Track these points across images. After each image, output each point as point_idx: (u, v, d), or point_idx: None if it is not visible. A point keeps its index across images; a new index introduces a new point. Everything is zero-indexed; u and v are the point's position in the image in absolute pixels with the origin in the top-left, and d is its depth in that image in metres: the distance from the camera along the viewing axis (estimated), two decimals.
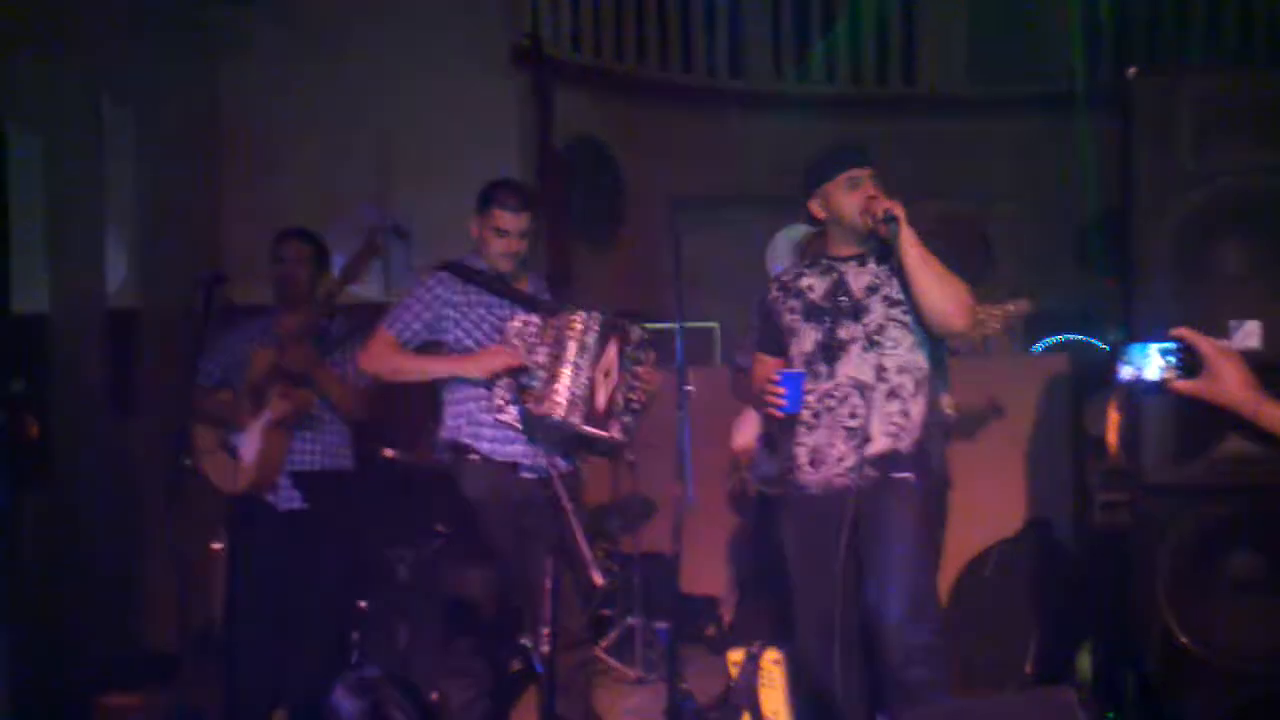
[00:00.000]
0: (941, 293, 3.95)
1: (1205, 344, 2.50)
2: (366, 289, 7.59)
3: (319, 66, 7.83)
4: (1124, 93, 4.36)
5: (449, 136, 7.79)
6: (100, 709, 5.67)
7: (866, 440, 4.01)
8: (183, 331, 5.10)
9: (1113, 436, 5.58)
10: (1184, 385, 2.50)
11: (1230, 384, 2.49)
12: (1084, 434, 5.95)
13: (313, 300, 5.11)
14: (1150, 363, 2.51)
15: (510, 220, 4.49)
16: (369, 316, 4.84)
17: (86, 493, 6.07)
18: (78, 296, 6.25)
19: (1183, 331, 2.51)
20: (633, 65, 9.77)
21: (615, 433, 4.32)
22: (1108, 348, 4.91)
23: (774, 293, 4.35)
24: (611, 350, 4.35)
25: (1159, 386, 2.50)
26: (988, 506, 6.08)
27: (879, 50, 10.63)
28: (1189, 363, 2.50)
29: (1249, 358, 4.05)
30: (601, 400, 4.30)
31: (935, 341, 4.10)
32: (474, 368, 4.40)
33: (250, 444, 5.00)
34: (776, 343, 4.31)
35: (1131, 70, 4.38)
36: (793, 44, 10.55)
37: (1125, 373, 2.55)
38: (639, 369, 4.40)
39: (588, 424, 4.25)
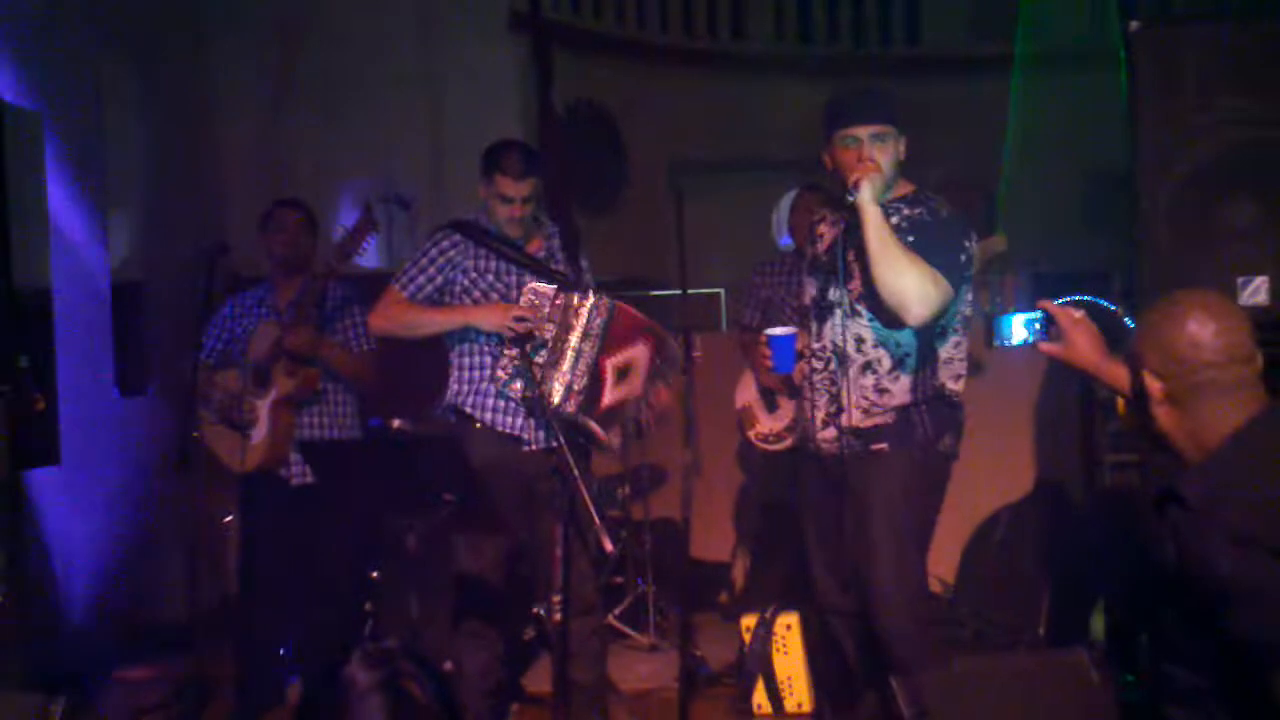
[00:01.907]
0: (896, 281, 3.69)
1: (1062, 314, 2.91)
2: (367, 259, 7.61)
3: (317, 35, 7.79)
4: (1127, 46, 4.32)
5: (448, 103, 7.76)
6: (115, 682, 5.70)
7: (841, 410, 3.89)
8: (188, 303, 5.08)
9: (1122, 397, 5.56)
10: (1045, 348, 2.92)
11: (1080, 348, 2.88)
12: (1092, 395, 5.93)
13: (309, 270, 5.11)
14: (1016, 330, 3.00)
15: (513, 187, 4.43)
16: (368, 286, 4.82)
17: (94, 467, 6.07)
18: (81, 271, 6.23)
19: (1044, 303, 2.95)
20: (633, 28, 9.71)
21: (613, 438, 4.31)
22: (1115, 307, 4.90)
23: (809, 240, 4.24)
24: (638, 350, 4.31)
25: (1025, 349, 2.88)
26: (997, 470, 6.08)
27: (881, 10, 10.56)
28: (1049, 329, 2.91)
29: (1257, 313, 4.08)
30: (607, 397, 4.27)
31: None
32: (487, 317, 4.36)
33: (259, 424, 4.99)
34: None
35: (1134, 23, 4.34)
36: (794, 5, 10.48)
37: (996, 338, 2.92)
38: (659, 385, 4.36)
39: (584, 414, 4.24)
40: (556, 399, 4.18)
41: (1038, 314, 2.92)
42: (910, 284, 3.67)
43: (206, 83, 7.59)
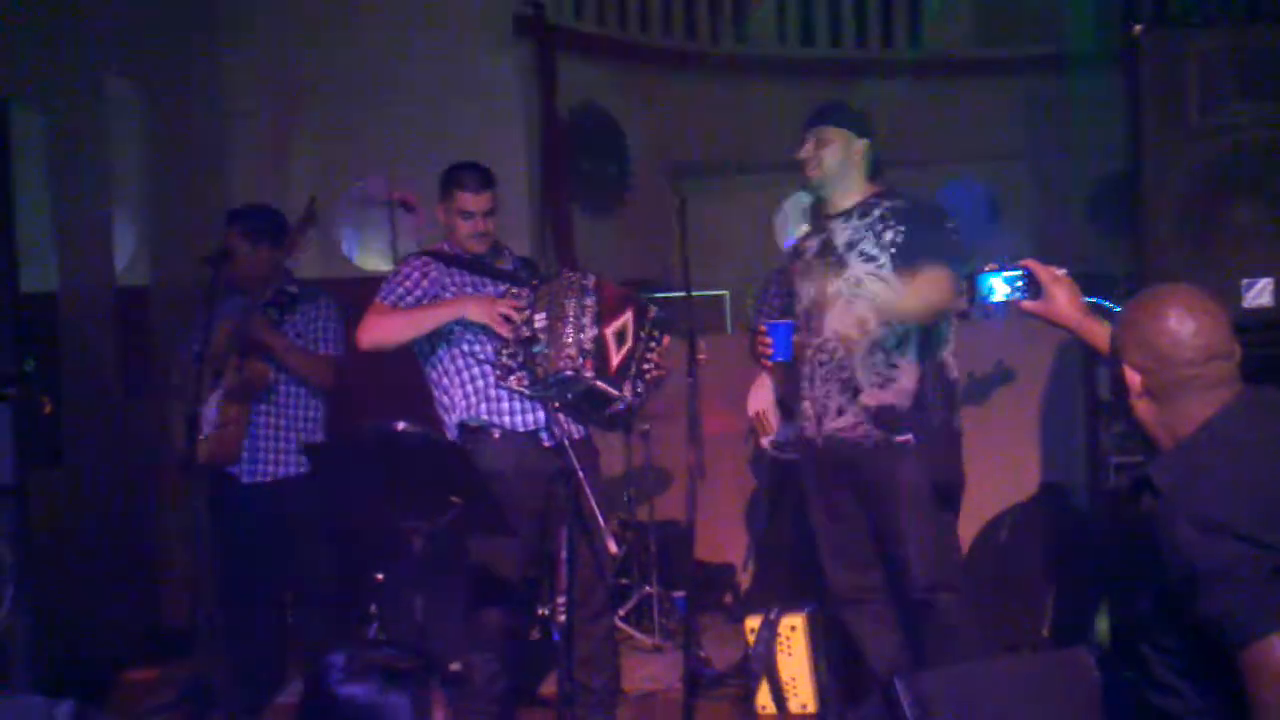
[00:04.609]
0: (923, 305, 4.05)
1: (1043, 271, 2.93)
2: (375, 262, 7.63)
3: (322, 40, 7.80)
4: (1131, 50, 4.34)
5: (453, 107, 7.77)
6: (119, 684, 5.71)
7: (857, 391, 4.11)
8: (192, 309, 5.09)
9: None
10: (1027, 305, 2.93)
11: (1061, 304, 2.91)
12: (1097, 397, 5.94)
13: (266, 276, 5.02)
14: (998, 288, 2.93)
15: (473, 201, 4.48)
16: (374, 289, 4.80)
17: (99, 471, 6.09)
18: (86, 275, 6.25)
19: (1027, 261, 2.95)
20: (636, 31, 9.71)
21: (627, 392, 4.30)
22: (1120, 310, 4.91)
23: (790, 259, 4.52)
24: (628, 316, 4.33)
25: (1005, 307, 2.95)
26: (1002, 471, 6.08)
27: (883, 12, 10.56)
28: (1031, 287, 2.92)
29: (1261, 315, 4.09)
30: (615, 360, 4.28)
31: None
32: (476, 306, 4.36)
33: (209, 416, 4.98)
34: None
35: (1137, 27, 4.36)
36: (797, 8, 10.48)
37: (977, 297, 2.97)
38: (653, 344, 4.39)
39: (600, 379, 4.22)
40: (571, 367, 4.17)
41: (1019, 271, 2.94)
42: (933, 298, 4.03)
43: (212, 88, 7.60)
